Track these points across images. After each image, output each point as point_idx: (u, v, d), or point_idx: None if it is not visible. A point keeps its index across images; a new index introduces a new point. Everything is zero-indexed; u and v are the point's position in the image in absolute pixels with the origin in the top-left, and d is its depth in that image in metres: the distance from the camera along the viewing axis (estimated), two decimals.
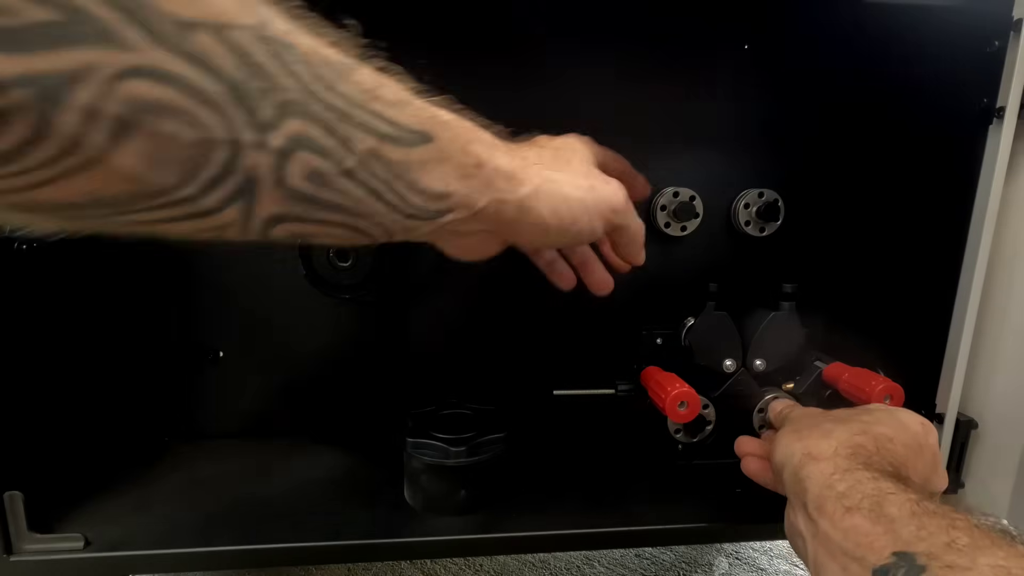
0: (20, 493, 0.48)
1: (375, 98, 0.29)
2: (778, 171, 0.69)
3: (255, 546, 0.52)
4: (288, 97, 0.25)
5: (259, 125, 0.24)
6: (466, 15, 0.63)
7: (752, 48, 0.66)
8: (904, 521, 0.32)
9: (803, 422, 0.46)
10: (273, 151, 0.25)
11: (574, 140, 0.47)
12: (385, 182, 0.30)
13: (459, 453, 0.54)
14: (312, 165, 0.27)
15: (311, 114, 0.26)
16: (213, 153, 0.24)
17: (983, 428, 0.55)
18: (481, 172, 0.35)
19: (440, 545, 0.53)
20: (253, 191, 0.26)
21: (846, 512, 0.35)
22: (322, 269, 0.54)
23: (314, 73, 0.26)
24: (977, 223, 0.50)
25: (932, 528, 0.31)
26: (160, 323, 0.67)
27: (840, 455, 0.40)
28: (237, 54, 0.23)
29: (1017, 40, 0.47)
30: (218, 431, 0.70)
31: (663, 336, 0.62)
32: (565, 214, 0.39)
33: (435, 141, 0.32)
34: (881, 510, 0.33)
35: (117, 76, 0.20)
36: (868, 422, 0.43)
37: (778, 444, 0.45)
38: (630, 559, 0.89)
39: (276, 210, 0.27)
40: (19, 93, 0.19)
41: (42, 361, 0.55)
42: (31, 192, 0.22)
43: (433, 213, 0.33)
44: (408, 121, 0.30)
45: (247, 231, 0.28)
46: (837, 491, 0.36)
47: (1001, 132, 0.48)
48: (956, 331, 0.52)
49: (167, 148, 0.22)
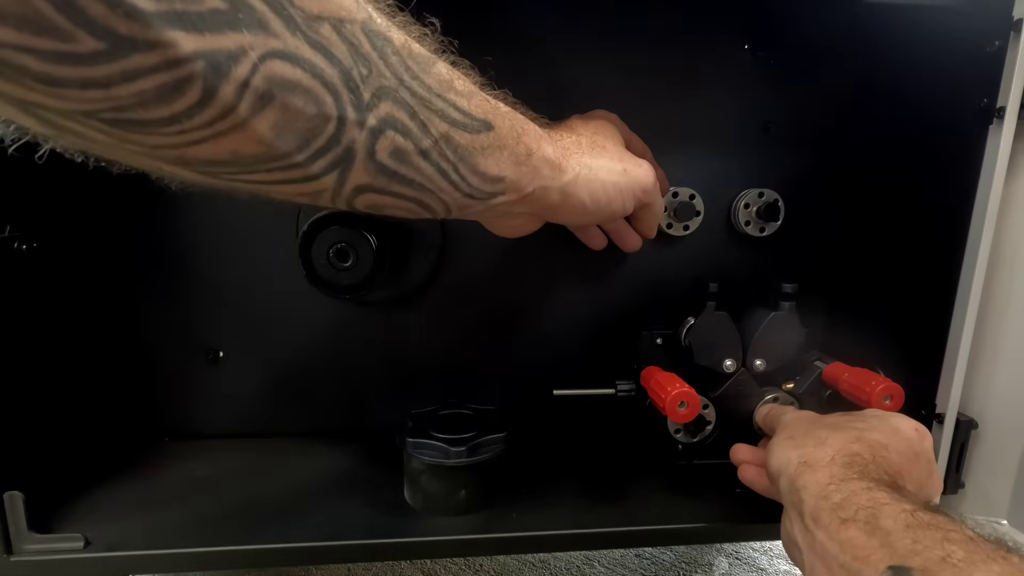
0: (20, 493, 0.48)
1: (450, 88, 0.33)
2: (778, 171, 0.69)
3: (255, 546, 0.52)
4: (384, 83, 0.29)
5: (361, 106, 0.28)
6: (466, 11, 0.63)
7: (752, 48, 0.67)
8: (899, 534, 0.32)
9: (798, 429, 0.46)
10: (368, 129, 0.29)
11: (605, 124, 0.50)
12: (452, 163, 0.34)
13: (459, 453, 0.54)
14: (397, 143, 0.31)
15: (400, 99, 0.30)
16: (325, 127, 0.28)
17: (983, 428, 0.55)
18: (531, 160, 0.39)
19: (440, 545, 0.53)
20: (350, 162, 0.30)
21: (842, 524, 0.35)
22: (322, 269, 0.54)
23: (404, 64, 0.30)
24: (977, 223, 0.50)
25: (927, 541, 0.31)
26: (160, 323, 0.67)
27: (836, 464, 0.40)
28: (350, 44, 0.27)
29: (1017, 40, 0.47)
30: (218, 431, 0.70)
31: (663, 336, 0.62)
32: (602, 197, 0.44)
33: (495, 130, 0.36)
34: (876, 522, 0.33)
35: (264, 57, 0.24)
36: (863, 429, 0.43)
37: (773, 452, 0.45)
38: (630, 559, 0.89)
39: (364, 180, 0.31)
40: (196, 65, 0.22)
41: (42, 361, 0.55)
42: (188, 148, 0.26)
43: (487, 194, 0.37)
44: (475, 111, 0.34)
45: (337, 197, 0.32)
46: (833, 502, 0.36)
47: (1001, 132, 0.48)
48: (956, 331, 0.52)
49: (293, 119, 0.26)
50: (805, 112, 0.69)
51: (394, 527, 0.54)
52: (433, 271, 0.68)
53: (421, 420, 0.59)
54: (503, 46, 0.64)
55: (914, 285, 0.59)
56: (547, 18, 0.64)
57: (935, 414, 0.54)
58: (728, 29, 0.66)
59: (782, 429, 0.48)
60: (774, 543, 0.93)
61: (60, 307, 0.57)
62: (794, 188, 0.69)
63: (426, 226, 0.67)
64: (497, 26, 0.64)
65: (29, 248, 0.51)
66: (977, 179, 0.50)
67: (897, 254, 0.62)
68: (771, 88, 0.68)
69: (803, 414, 0.52)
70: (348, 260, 0.54)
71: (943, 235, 0.54)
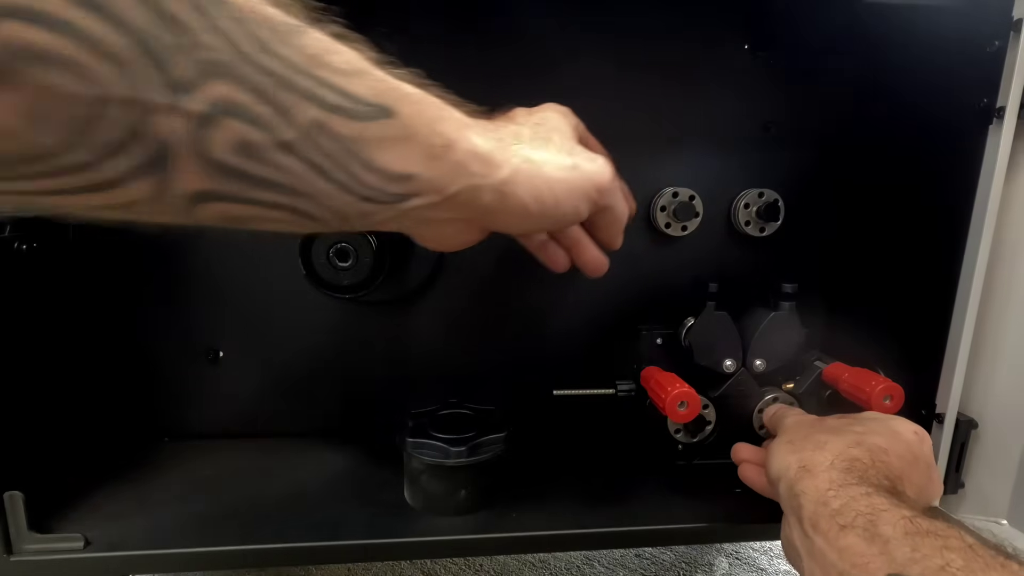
0: (20, 493, 0.48)
1: (322, 64, 0.26)
2: (778, 171, 0.69)
3: (255, 546, 0.52)
4: (212, 57, 0.22)
5: (173, 85, 0.22)
6: (466, 11, 0.63)
7: (752, 48, 0.67)
8: (898, 541, 0.32)
9: (797, 432, 0.46)
10: (192, 116, 0.22)
11: (553, 113, 0.43)
12: (333, 158, 0.27)
13: (459, 453, 0.54)
14: (241, 135, 0.24)
15: (241, 77, 0.23)
16: (109, 112, 0.21)
17: (983, 428, 0.55)
18: (451, 154, 0.31)
19: (440, 545, 0.53)
20: (166, 161, 0.23)
21: (841, 530, 0.35)
22: (322, 269, 0.54)
23: (247, 32, 0.23)
24: (977, 223, 0.50)
25: (926, 549, 0.31)
26: (160, 323, 0.67)
27: (835, 468, 0.39)
28: (147, 3, 0.21)
29: (1017, 40, 0.47)
30: (218, 431, 0.69)
31: (663, 336, 0.62)
32: (547, 197, 0.36)
33: (396, 117, 0.28)
34: (875, 529, 0.33)
35: None
36: (862, 433, 0.43)
37: (773, 455, 0.45)
38: (630, 559, 0.89)
39: (200, 186, 0.24)
40: None
41: (42, 361, 0.55)
42: None
43: (393, 197, 0.30)
44: (363, 92, 0.27)
45: (166, 209, 0.25)
46: (832, 508, 0.36)
47: (1001, 132, 0.48)
48: (956, 331, 0.52)
49: (49, 102, 0.20)
50: (805, 112, 0.69)
51: (394, 527, 0.54)
52: (433, 271, 0.68)
53: (421, 420, 0.59)
54: (502, 45, 0.65)
55: (914, 285, 0.59)
56: (547, 17, 0.64)
57: (935, 414, 0.54)
58: (728, 29, 0.66)
59: (782, 432, 0.48)
60: (774, 543, 0.93)
61: (60, 307, 0.57)
62: (794, 188, 0.69)
63: None
64: (496, 25, 0.64)
65: (29, 248, 0.51)
66: (977, 179, 0.50)
67: (897, 254, 0.62)
68: (771, 88, 0.68)
69: (804, 418, 0.52)
70: (348, 260, 0.54)
71: (943, 235, 0.54)
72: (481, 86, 0.66)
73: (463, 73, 0.65)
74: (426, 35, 0.64)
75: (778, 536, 0.45)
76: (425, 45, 0.64)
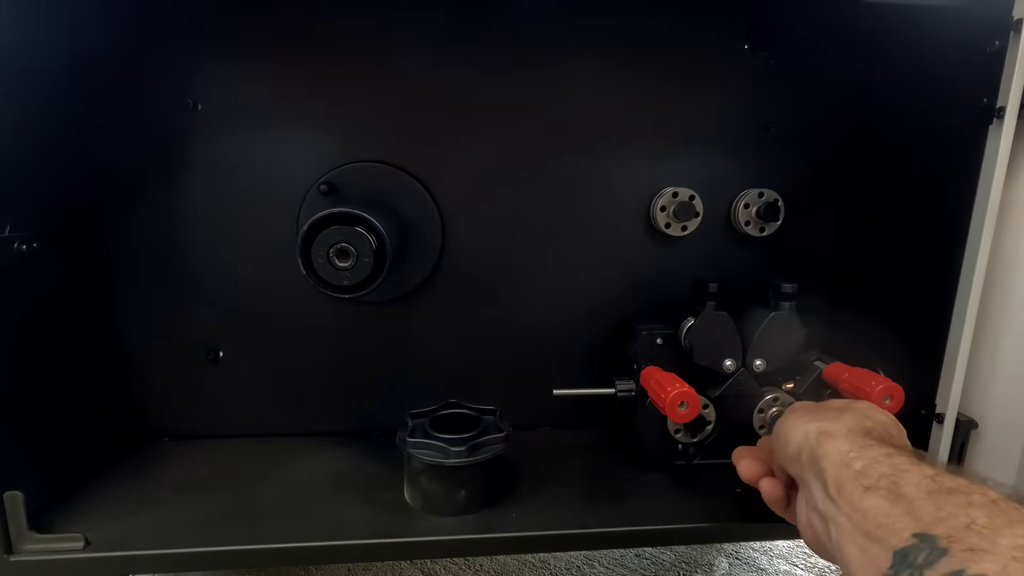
0: (20, 493, 0.48)
1: None
2: (778, 171, 0.69)
3: (255, 546, 0.52)
4: None
5: None
6: (467, 11, 0.63)
7: (752, 48, 0.66)
8: (922, 501, 0.32)
9: (806, 407, 0.47)
10: None
11: None
12: None
13: (459, 453, 0.54)
14: None
15: None
16: None
17: (983, 428, 0.54)
18: None
19: (440, 545, 0.53)
20: None
21: (865, 492, 0.35)
22: (322, 269, 0.54)
23: None
24: (977, 223, 0.50)
25: (951, 508, 0.31)
26: (161, 323, 0.67)
27: (854, 432, 0.40)
28: None
29: (1017, 40, 0.47)
30: (218, 431, 0.70)
31: (663, 336, 0.62)
32: None
33: None
34: (899, 489, 0.33)
35: None
36: (868, 413, 0.44)
37: (789, 428, 0.44)
38: (630, 559, 0.89)
39: None
40: None
41: (42, 361, 0.55)
42: None
43: None
44: None
45: None
46: (855, 469, 0.36)
47: (1001, 132, 0.48)
48: (956, 331, 0.52)
49: None
50: (805, 112, 0.69)
51: (394, 527, 0.54)
52: (433, 271, 0.68)
53: (421, 420, 0.59)
54: (502, 47, 0.65)
55: (914, 285, 0.59)
56: (547, 18, 0.64)
57: (935, 414, 0.54)
58: (728, 29, 0.66)
59: (790, 411, 0.48)
60: (774, 543, 0.93)
61: (60, 307, 0.57)
62: (794, 188, 0.69)
63: (426, 226, 0.67)
64: (497, 26, 0.64)
65: (29, 248, 0.51)
66: (977, 179, 0.50)
67: (897, 254, 0.62)
68: (771, 88, 0.68)
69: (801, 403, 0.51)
70: (348, 260, 0.54)
71: (943, 235, 0.54)
72: (482, 86, 0.67)
73: (463, 73, 0.65)
74: (425, 34, 0.64)
75: (778, 536, 0.45)
76: (425, 45, 0.64)
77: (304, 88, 0.63)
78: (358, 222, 0.54)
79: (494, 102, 0.66)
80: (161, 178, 0.64)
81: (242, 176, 0.64)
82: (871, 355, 0.59)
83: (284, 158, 0.65)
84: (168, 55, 0.62)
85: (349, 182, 0.65)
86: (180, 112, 0.62)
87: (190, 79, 0.62)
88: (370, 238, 0.54)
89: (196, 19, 0.61)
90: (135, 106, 0.62)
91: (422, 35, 0.64)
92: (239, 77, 0.63)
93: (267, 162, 0.64)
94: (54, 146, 0.57)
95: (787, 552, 0.92)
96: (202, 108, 0.63)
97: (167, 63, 0.62)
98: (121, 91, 0.61)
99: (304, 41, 0.62)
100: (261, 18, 0.62)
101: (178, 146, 0.63)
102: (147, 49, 0.61)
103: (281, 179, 0.65)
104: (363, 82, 0.64)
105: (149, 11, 0.60)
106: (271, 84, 0.63)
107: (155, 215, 0.64)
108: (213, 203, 0.65)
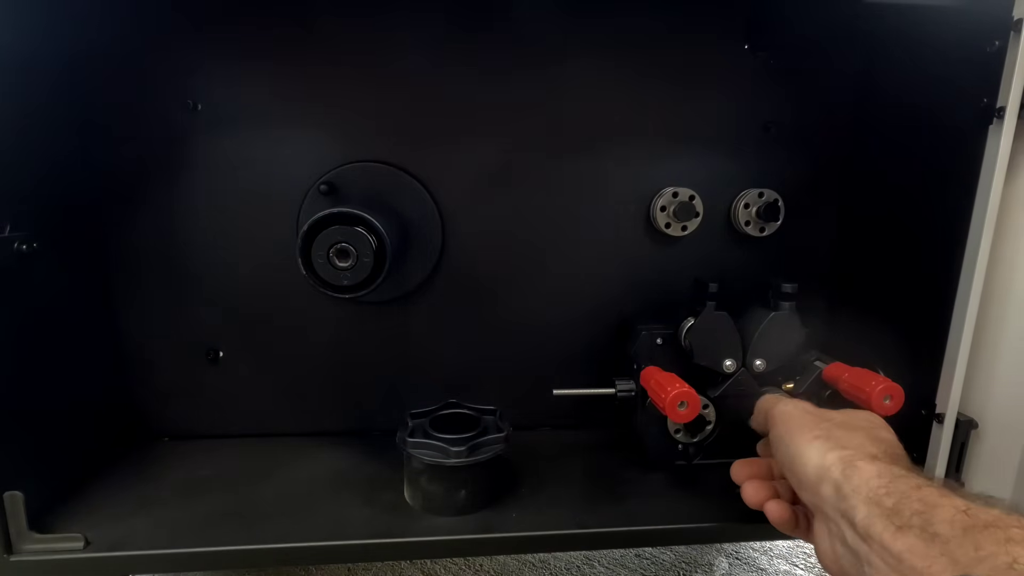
0: (20, 493, 0.48)
1: None
2: (778, 171, 0.69)
3: (255, 546, 0.52)
4: None
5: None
6: (467, 11, 0.63)
7: (752, 48, 0.66)
8: (959, 540, 0.30)
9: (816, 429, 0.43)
10: None
11: None
12: None
13: (459, 453, 0.54)
14: None
15: None
16: None
17: (983, 428, 0.54)
18: None
19: (440, 545, 0.53)
20: None
21: (897, 531, 0.33)
22: (322, 269, 0.54)
23: None
24: (977, 223, 0.50)
25: (990, 547, 0.29)
26: (160, 323, 0.67)
27: (879, 458, 0.38)
28: None
29: (1017, 40, 0.47)
30: (218, 431, 0.70)
31: (663, 336, 0.62)
32: None
33: None
34: (932, 528, 0.32)
35: None
36: (871, 428, 0.43)
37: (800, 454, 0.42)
38: (630, 559, 0.89)
39: None
40: None
41: (42, 361, 0.55)
42: None
43: None
44: None
45: None
46: (886, 507, 0.34)
47: (1001, 132, 0.48)
48: (956, 331, 0.52)
49: None
50: (805, 112, 0.69)
51: (394, 527, 0.54)
52: (433, 271, 0.68)
53: (421, 420, 0.59)
54: (502, 46, 0.65)
55: (914, 285, 0.59)
56: (547, 18, 0.64)
57: (935, 414, 0.54)
58: (728, 29, 0.66)
59: (790, 425, 0.45)
60: (774, 543, 0.93)
61: (60, 307, 0.57)
62: (794, 188, 0.69)
63: (426, 226, 0.67)
64: (497, 27, 0.64)
65: (29, 248, 0.51)
66: (977, 179, 0.50)
67: (897, 254, 0.62)
68: (771, 88, 0.67)
69: (804, 408, 0.47)
70: (348, 260, 0.54)
71: (943, 235, 0.54)
72: (482, 86, 0.67)
73: (463, 73, 0.65)
74: (425, 34, 0.64)
75: (778, 536, 0.44)
76: (423, 44, 0.64)
77: (304, 88, 0.64)
78: (358, 222, 0.54)
79: (494, 102, 0.66)
80: (161, 178, 0.64)
81: (242, 176, 0.65)
82: (871, 355, 0.59)
83: (284, 158, 0.65)
84: (168, 55, 0.62)
85: (349, 182, 0.65)
86: (180, 112, 0.63)
87: (190, 79, 0.62)
88: (370, 238, 0.54)
89: (196, 19, 0.61)
90: (135, 106, 0.62)
91: (422, 35, 0.64)
92: (239, 77, 0.63)
93: (267, 162, 0.64)
94: (54, 146, 0.57)
95: (787, 552, 0.92)
96: (202, 108, 0.63)
97: (167, 63, 0.62)
98: (121, 91, 0.61)
99: (304, 41, 0.62)
100: (261, 18, 0.62)
101: (178, 146, 0.63)
102: (147, 49, 0.61)
103: (281, 179, 0.65)
104: (363, 82, 0.64)
105: (149, 11, 0.60)
106: (271, 84, 0.63)
107: (155, 215, 0.64)
108: (213, 203, 0.65)
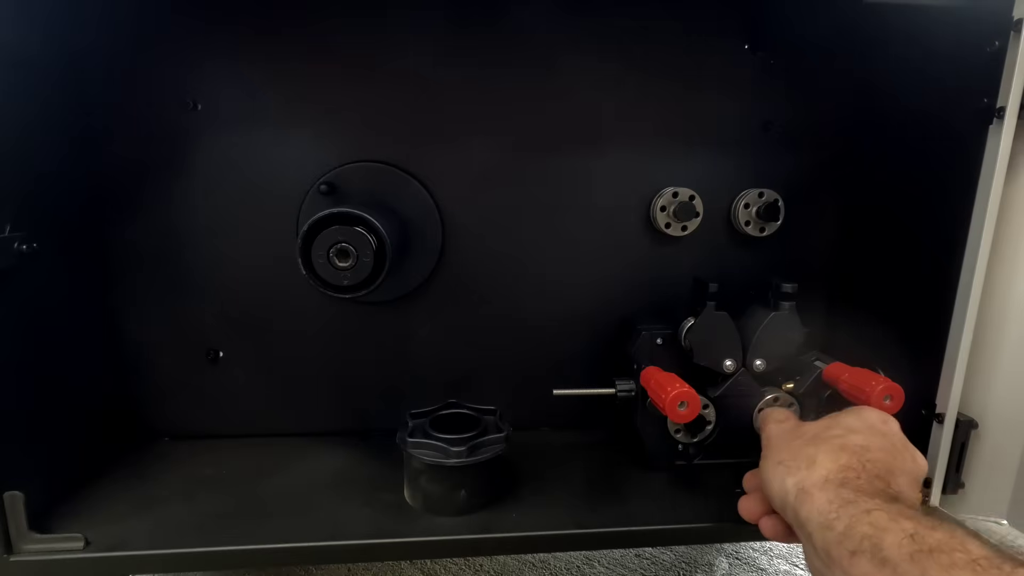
0: (20, 493, 0.48)
1: None
2: (778, 171, 0.69)
3: (255, 546, 0.52)
4: None
5: None
6: (467, 12, 0.63)
7: (752, 48, 0.66)
8: (906, 566, 0.32)
9: (783, 449, 0.46)
10: None
11: None
12: None
13: (459, 453, 0.54)
14: None
15: None
16: None
17: (983, 428, 0.54)
18: None
19: (440, 545, 0.53)
20: None
21: (851, 556, 0.35)
22: (322, 269, 0.54)
23: None
24: (977, 223, 0.50)
25: (935, 572, 0.31)
26: (160, 323, 0.67)
27: (831, 485, 0.40)
28: None
29: (1017, 40, 0.47)
30: (218, 431, 0.69)
31: (663, 336, 0.62)
32: None
33: None
34: (882, 553, 0.34)
35: None
36: (842, 435, 0.44)
37: (769, 481, 0.44)
38: (630, 559, 0.89)
39: None
40: None
41: (42, 361, 0.55)
42: None
43: None
44: None
45: None
46: (837, 532, 0.36)
47: (1001, 132, 0.48)
48: (956, 331, 0.52)
49: None
50: (805, 112, 0.69)
51: (394, 527, 0.54)
52: (433, 271, 0.68)
53: (421, 420, 0.59)
54: (503, 47, 0.65)
55: (914, 285, 0.59)
56: (548, 18, 0.64)
57: (935, 414, 0.54)
58: (728, 29, 0.66)
59: (768, 447, 0.48)
60: (774, 543, 0.93)
61: (60, 307, 0.57)
62: (794, 188, 0.69)
63: (426, 226, 0.67)
64: (497, 26, 0.64)
65: (29, 248, 0.51)
66: (977, 179, 0.50)
67: (897, 253, 0.62)
68: (771, 88, 0.67)
69: (784, 428, 0.50)
70: (348, 260, 0.54)
71: (943, 234, 0.54)
72: (481, 85, 0.67)
73: (463, 72, 0.65)
74: (425, 34, 0.64)
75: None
76: (424, 45, 0.64)
77: (304, 88, 0.64)
78: (358, 222, 0.54)
79: (494, 101, 0.66)
80: (161, 178, 0.64)
81: (242, 176, 0.64)
82: (871, 355, 0.59)
83: (284, 158, 0.65)
84: (168, 55, 0.62)
85: (349, 182, 0.65)
86: (180, 112, 0.62)
87: (190, 79, 0.62)
88: (370, 238, 0.54)
89: (196, 19, 0.61)
90: (135, 106, 0.62)
91: (422, 35, 0.64)
92: (239, 77, 0.63)
93: (267, 162, 0.64)
94: (54, 146, 0.57)
95: (787, 552, 0.92)
96: (202, 107, 0.63)
97: (167, 63, 0.62)
98: (121, 91, 0.61)
99: (304, 40, 0.63)
100: (261, 18, 0.62)
101: (178, 146, 0.63)
102: (147, 49, 0.61)
103: (281, 179, 0.65)
104: (363, 82, 0.64)
105: (149, 11, 0.60)
106: (271, 84, 0.63)
107: (155, 215, 0.64)
108: (213, 203, 0.65)
